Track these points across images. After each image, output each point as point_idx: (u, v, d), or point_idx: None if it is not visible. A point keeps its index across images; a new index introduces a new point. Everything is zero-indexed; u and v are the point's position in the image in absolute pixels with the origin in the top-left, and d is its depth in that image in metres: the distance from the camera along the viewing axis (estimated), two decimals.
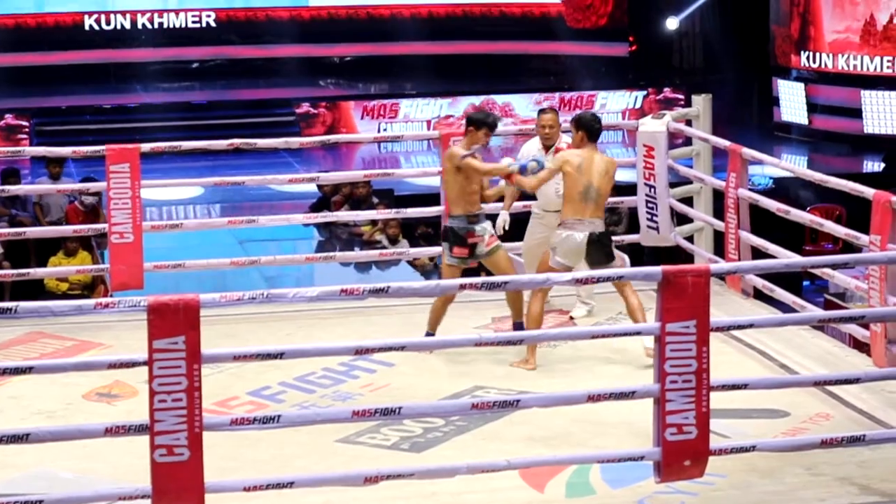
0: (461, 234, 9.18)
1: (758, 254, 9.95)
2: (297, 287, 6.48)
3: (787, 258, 9.26)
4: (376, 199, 15.13)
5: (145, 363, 6.09)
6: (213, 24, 26.32)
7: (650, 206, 10.61)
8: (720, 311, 8.88)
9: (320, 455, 7.39)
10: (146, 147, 10.27)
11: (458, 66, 26.24)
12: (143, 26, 26.00)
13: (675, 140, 11.67)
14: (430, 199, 11.63)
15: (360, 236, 14.89)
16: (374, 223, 14.76)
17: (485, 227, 9.22)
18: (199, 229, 13.17)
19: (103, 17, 25.86)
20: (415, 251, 12.48)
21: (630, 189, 10.88)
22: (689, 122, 11.14)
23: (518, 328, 9.21)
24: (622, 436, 7.57)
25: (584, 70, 25.84)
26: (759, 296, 10.28)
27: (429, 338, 8.95)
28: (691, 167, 11.06)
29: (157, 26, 26.04)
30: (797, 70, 23.63)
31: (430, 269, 13.68)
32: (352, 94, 25.23)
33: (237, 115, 23.65)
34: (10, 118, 22.50)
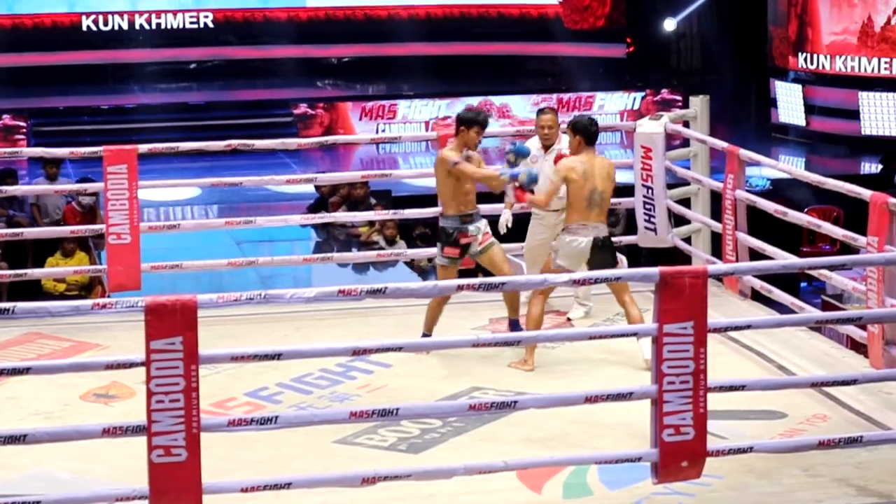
0: (452, 235, 9.17)
1: (755, 255, 9.95)
2: (294, 288, 6.47)
3: (784, 259, 9.25)
4: (374, 200, 15.12)
5: (143, 364, 6.09)
6: (211, 25, 26.31)
7: (648, 207, 10.61)
8: (718, 312, 8.87)
9: (318, 456, 7.38)
10: (143, 148, 10.27)
11: (456, 67, 26.23)
12: (141, 27, 25.99)
13: (673, 141, 11.68)
14: (427, 199, 11.61)
15: (357, 237, 14.87)
16: (371, 224, 14.74)
17: (479, 226, 9.20)
18: (197, 230, 13.15)
19: (101, 18, 25.85)
20: (412, 252, 12.46)
21: (628, 190, 10.88)
22: (686, 124, 11.13)
23: (513, 325, 9.21)
24: (620, 437, 7.57)
25: (582, 71, 25.84)
26: (756, 297, 10.29)
27: (426, 339, 8.95)
28: (689, 168, 11.05)
29: (154, 27, 26.03)
30: (795, 71, 23.63)
31: (428, 270, 13.67)
32: (349, 94, 25.23)
33: (235, 115, 23.65)
34: (7, 119, 22.49)
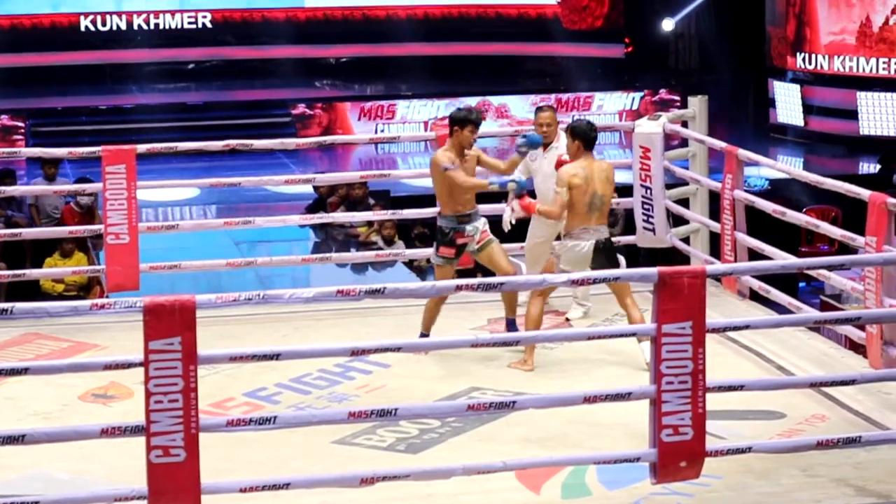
0: (448, 235, 9.16)
1: (754, 255, 9.95)
2: (293, 288, 6.47)
3: (783, 259, 9.25)
4: (372, 201, 15.13)
5: (141, 364, 6.09)
6: (209, 25, 26.31)
7: (646, 207, 10.61)
8: (716, 312, 8.87)
9: (316, 456, 7.38)
10: (142, 148, 10.26)
11: (454, 68, 26.23)
12: (139, 27, 26.00)
13: (671, 141, 11.69)
14: (426, 200, 11.60)
15: (356, 237, 14.88)
16: (370, 224, 14.74)
17: (476, 226, 9.16)
18: (195, 230, 13.14)
19: (99, 18, 25.85)
20: (411, 252, 12.46)
21: (626, 190, 10.88)
22: (684, 124, 11.13)
23: (510, 325, 9.20)
24: (618, 437, 7.57)
25: (580, 71, 25.85)
26: (755, 297, 10.29)
27: (424, 339, 8.94)
28: (687, 168, 11.06)
29: (152, 27, 26.04)
30: (793, 71, 23.63)
31: (427, 270, 13.67)
32: (348, 95, 25.23)
33: (233, 116, 23.65)
34: (5, 119, 22.49)
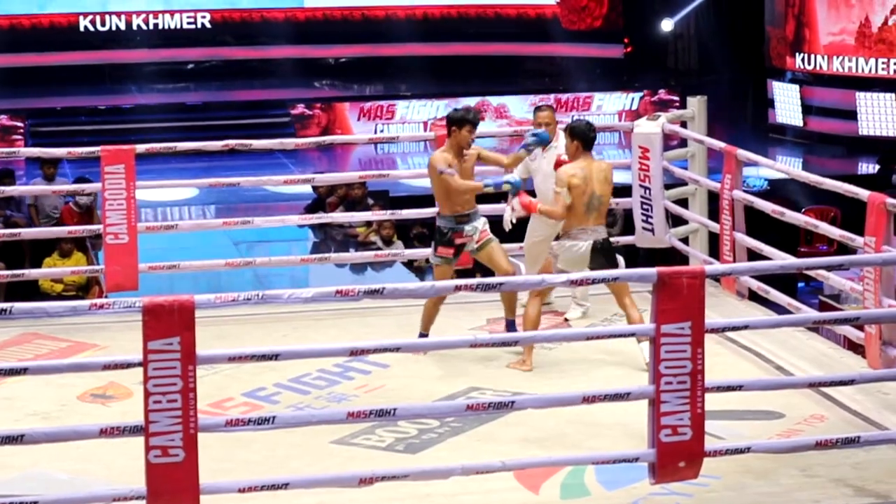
0: (447, 235, 9.16)
1: (753, 255, 9.95)
2: (292, 288, 6.47)
3: (781, 260, 9.26)
4: (371, 201, 15.13)
5: (140, 364, 6.09)
6: (208, 25, 26.32)
7: (645, 207, 10.61)
8: (715, 312, 8.87)
9: (315, 456, 7.38)
10: (141, 148, 10.26)
11: (453, 68, 26.23)
12: (138, 27, 26.00)
13: (670, 142, 11.68)
14: (425, 200, 11.60)
15: (355, 237, 14.88)
16: (369, 224, 14.75)
17: (476, 226, 9.15)
18: (194, 230, 13.14)
19: (98, 18, 25.85)
20: (410, 252, 12.45)
21: (625, 191, 10.87)
22: (683, 124, 11.13)
23: (510, 326, 9.20)
24: (617, 437, 7.57)
25: (580, 72, 25.86)
26: (753, 297, 10.29)
27: (423, 339, 8.94)
28: (686, 169, 11.06)
29: (151, 27, 26.05)
30: (792, 72, 23.64)
31: (426, 270, 13.68)
32: (347, 95, 25.24)
33: (232, 116, 23.66)
34: (4, 119, 22.49)
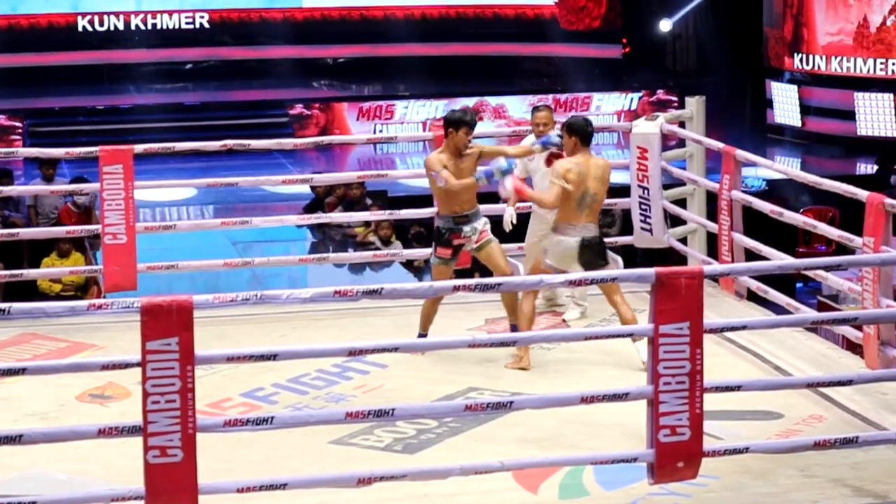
0: (445, 235, 9.15)
1: (751, 255, 9.95)
2: (290, 288, 6.47)
3: (780, 260, 9.26)
4: (370, 201, 15.13)
5: (138, 364, 6.09)
6: (207, 26, 26.31)
7: (643, 207, 10.61)
8: (713, 312, 8.87)
9: (313, 456, 7.38)
10: (139, 148, 10.26)
11: (452, 68, 26.24)
12: (137, 27, 25.99)
13: (669, 142, 11.67)
14: (423, 200, 11.61)
15: (353, 237, 14.88)
16: (367, 224, 14.75)
17: (475, 226, 9.12)
18: (193, 230, 13.13)
19: (96, 18, 25.85)
20: (408, 252, 12.45)
21: (623, 191, 10.88)
22: (682, 124, 11.13)
23: (514, 329, 9.18)
24: (615, 437, 7.57)
25: (578, 72, 25.86)
26: (752, 297, 10.29)
27: (422, 339, 8.93)
28: (685, 169, 11.06)
29: (150, 27, 26.04)
30: (790, 72, 23.64)
31: (424, 270, 13.68)
32: (345, 95, 25.24)
33: (230, 116, 23.66)
34: (3, 119, 22.49)
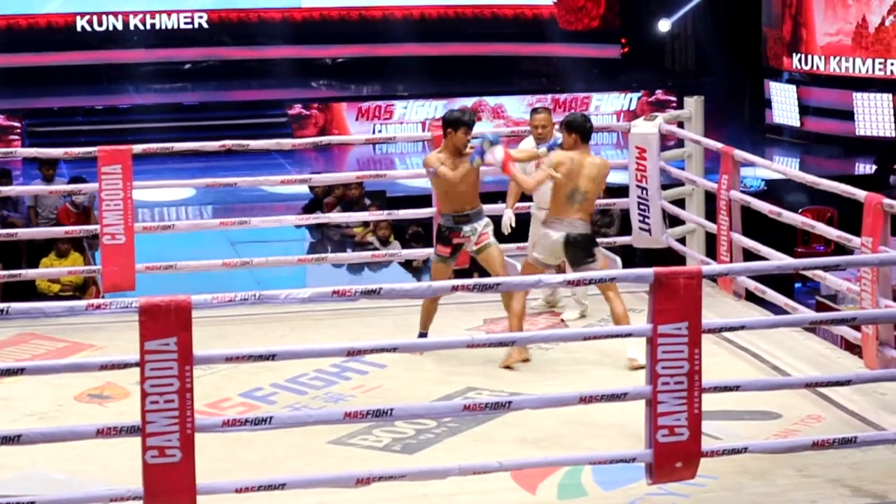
0: (445, 234, 9.16)
1: (750, 255, 9.95)
2: (289, 288, 6.46)
3: (778, 260, 9.26)
4: (368, 201, 15.12)
5: (137, 364, 6.09)
6: (206, 26, 26.31)
7: (642, 207, 10.62)
8: (712, 312, 8.87)
9: (312, 456, 7.38)
10: (138, 148, 10.26)
11: (450, 68, 26.24)
12: (135, 27, 25.99)
13: (667, 142, 11.67)
14: (422, 200, 11.62)
15: (352, 238, 14.88)
16: (366, 225, 14.74)
17: (475, 226, 9.13)
18: (191, 230, 13.12)
19: (95, 18, 25.84)
20: (407, 252, 12.45)
21: (622, 191, 10.88)
22: (681, 124, 11.13)
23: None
24: (614, 437, 7.57)
25: (576, 72, 25.86)
26: (750, 297, 10.29)
27: (421, 339, 8.92)
28: (683, 169, 11.06)
29: (149, 27, 26.04)
30: (789, 72, 23.65)
31: (422, 270, 13.68)
32: (344, 95, 25.24)
33: (229, 116, 23.67)
34: (1, 119, 22.49)
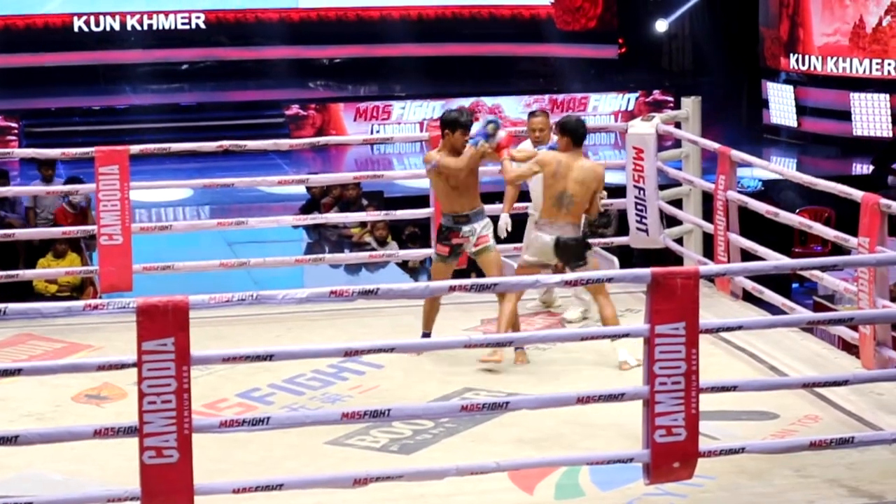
0: (444, 233, 9.18)
1: (747, 256, 9.96)
2: (286, 289, 6.46)
3: (776, 260, 9.26)
4: (366, 201, 15.12)
5: (134, 365, 6.08)
6: (203, 26, 26.29)
7: (639, 208, 10.62)
8: (709, 312, 8.86)
9: (309, 457, 7.38)
10: (135, 149, 10.25)
11: (448, 68, 26.23)
12: (133, 28, 25.96)
13: (665, 142, 11.68)
14: (420, 200, 11.62)
15: (349, 238, 14.88)
16: (363, 225, 14.74)
17: (474, 227, 9.14)
18: (189, 231, 13.12)
19: (92, 19, 25.83)
20: (404, 253, 12.45)
21: (619, 191, 10.88)
22: (678, 125, 11.14)
23: None
24: (611, 437, 7.57)
25: (574, 72, 25.86)
26: (748, 298, 10.29)
27: (418, 340, 8.92)
28: (680, 169, 11.06)
29: (146, 28, 26.01)
30: (786, 72, 23.65)
31: (420, 270, 13.68)
32: (341, 95, 25.23)
33: (226, 116, 23.64)
34: None
